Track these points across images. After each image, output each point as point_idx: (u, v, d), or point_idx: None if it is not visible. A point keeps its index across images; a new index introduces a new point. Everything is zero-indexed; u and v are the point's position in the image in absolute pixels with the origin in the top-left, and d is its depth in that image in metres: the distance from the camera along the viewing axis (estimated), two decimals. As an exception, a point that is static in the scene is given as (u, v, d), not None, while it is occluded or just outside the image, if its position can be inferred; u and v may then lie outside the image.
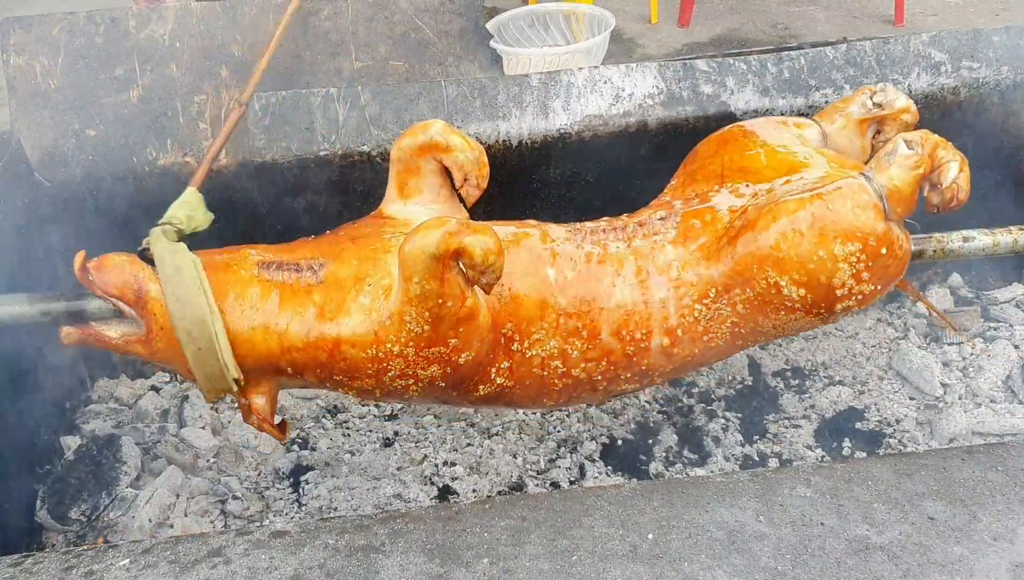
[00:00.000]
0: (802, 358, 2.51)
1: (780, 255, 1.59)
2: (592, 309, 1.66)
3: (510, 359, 1.68)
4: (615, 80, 2.31)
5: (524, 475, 2.21)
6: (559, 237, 1.72)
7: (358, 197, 2.28)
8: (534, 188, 2.36)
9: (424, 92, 2.24)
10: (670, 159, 1.98)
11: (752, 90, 2.31)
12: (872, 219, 1.58)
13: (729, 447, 2.25)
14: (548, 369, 1.70)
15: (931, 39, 2.37)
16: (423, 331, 1.51)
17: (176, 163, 2.25)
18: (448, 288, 1.49)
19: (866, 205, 1.59)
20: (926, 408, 2.33)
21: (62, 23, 2.23)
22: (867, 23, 5.21)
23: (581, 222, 1.80)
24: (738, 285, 1.65)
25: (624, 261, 1.69)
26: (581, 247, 1.71)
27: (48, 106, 2.22)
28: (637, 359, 1.71)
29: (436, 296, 1.49)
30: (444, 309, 1.51)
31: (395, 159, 1.74)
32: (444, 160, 1.71)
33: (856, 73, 2.33)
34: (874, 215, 1.58)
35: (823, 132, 1.88)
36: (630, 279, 1.67)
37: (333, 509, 2.15)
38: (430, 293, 1.48)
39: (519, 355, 1.67)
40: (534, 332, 1.66)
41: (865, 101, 1.88)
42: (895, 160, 1.63)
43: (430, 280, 1.47)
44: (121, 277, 1.62)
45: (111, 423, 2.37)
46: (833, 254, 1.58)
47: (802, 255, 1.58)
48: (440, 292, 1.49)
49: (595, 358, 1.69)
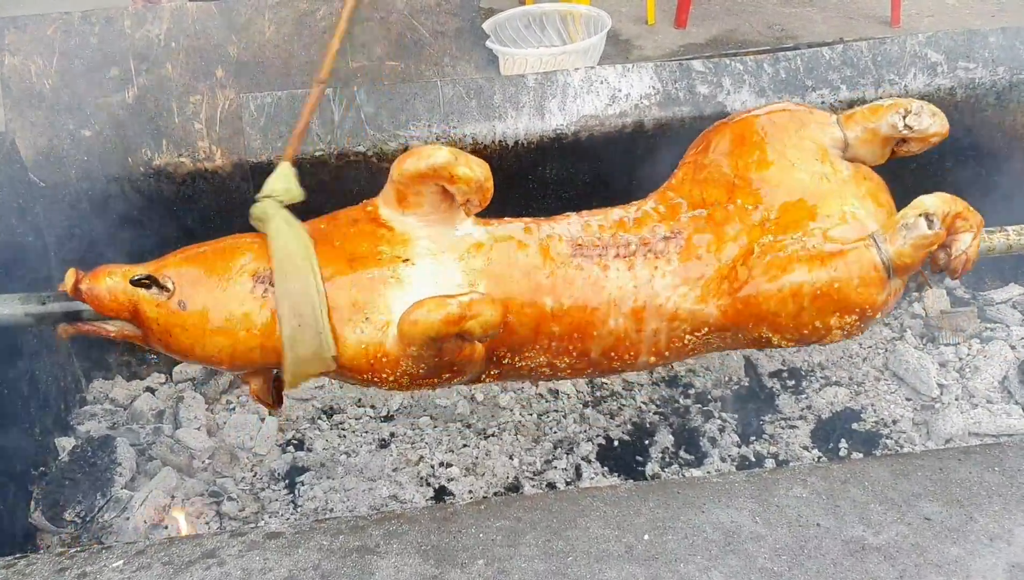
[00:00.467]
0: (798, 359, 2.50)
1: (778, 319, 1.62)
2: (585, 335, 1.67)
3: (499, 368, 1.72)
4: (611, 80, 2.30)
5: (520, 476, 2.20)
6: (562, 253, 1.68)
7: (353, 198, 2.26)
8: (530, 188, 2.35)
9: (420, 92, 2.24)
10: (666, 159, 1.97)
11: (748, 91, 2.31)
12: (875, 294, 1.59)
13: (725, 448, 2.25)
14: (535, 373, 1.74)
15: (927, 39, 2.37)
16: (418, 372, 1.57)
17: (171, 163, 2.24)
18: (446, 348, 1.54)
19: (871, 282, 1.58)
20: (923, 409, 2.33)
21: (57, 23, 2.22)
22: (863, 24, 5.21)
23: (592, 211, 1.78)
24: (730, 330, 1.68)
25: (623, 290, 1.67)
26: (581, 268, 1.67)
27: (43, 106, 2.21)
28: (622, 368, 1.75)
29: (433, 356, 1.55)
30: (442, 359, 1.56)
31: (395, 179, 1.67)
32: (447, 187, 1.65)
33: (853, 73, 2.33)
34: (877, 290, 1.59)
35: (845, 138, 1.78)
36: (626, 311, 1.66)
37: (329, 510, 2.15)
38: (427, 355, 1.54)
39: (508, 365, 1.71)
40: (526, 352, 1.69)
41: (896, 122, 1.74)
42: (911, 238, 1.57)
43: (428, 350, 1.52)
44: (114, 297, 1.61)
45: (106, 424, 2.36)
46: (829, 324, 1.61)
47: (800, 323, 1.61)
48: (438, 353, 1.55)
49: (581, 368, 1.73)
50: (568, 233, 1.73)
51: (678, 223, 1.75)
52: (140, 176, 2.24)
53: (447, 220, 1.71)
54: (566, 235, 1.73)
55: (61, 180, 2.23)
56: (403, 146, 2.23)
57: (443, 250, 1.68)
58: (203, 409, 2.39)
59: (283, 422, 2.38)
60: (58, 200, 2.23)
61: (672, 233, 1.73)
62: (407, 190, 1.67)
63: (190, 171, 2.24)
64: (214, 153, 2.22)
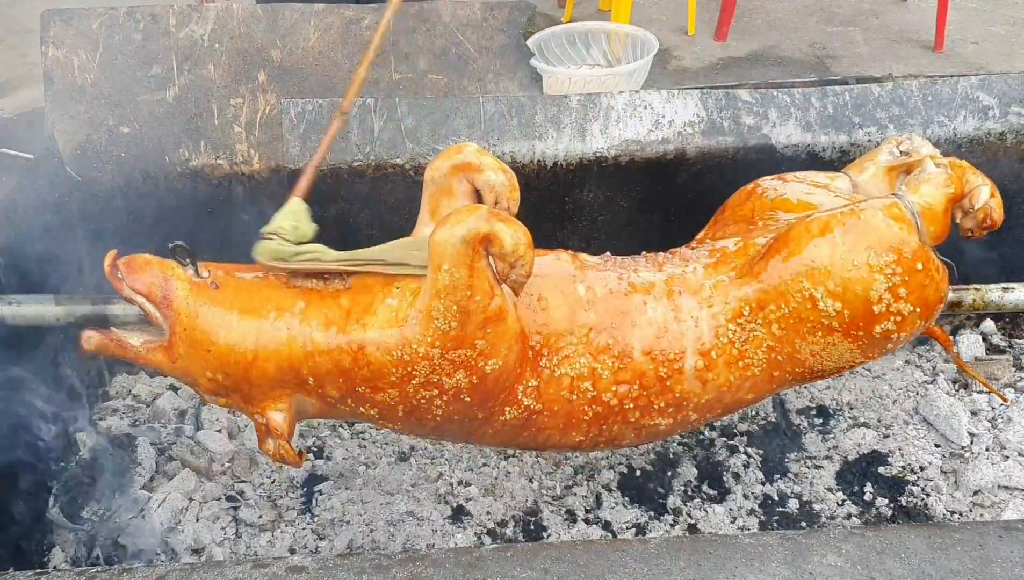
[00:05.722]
0: (827, 396, 2.47)
1: (814, 264, 1.60)
2: (623, 325, 1.64)
3: (538, 377, 1.64)
4: (655, 106, 2.27)
5: (539, 500, 2.18)
6: (590, 262, 1.72)
7: (388, 209, 2.25)
8: (566, 210, 2.33)
9: (461, 107, 2.22)
10: (707, 189, 1.95)
11: (795, 124, 2.27)
12: (906, 232, 1.60)
13: (749, 485, 2.22)
14: (578, 392, 1.66)
15: (980, 82, 2.33)
16: (450, 328, 1.50)
17: (208, 165, 2.23)
18: (477, 280, 1.48)
19: (899, 217, 1.61)
20: (951, 457, 2.29)
21: (102, 18, 2.21)
22: (906, 48, 5.14)
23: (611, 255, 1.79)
24: (772, 301, 1.64)
25: (655, 281, 1.68)
26: (611, 270, 1.70)
27: (83, 101, 2.21)
28: (671, 384, 1.67)
29: (465, 287, 1.48)
30: (472, 303, 1.49)
31: (428, 180, 1.71)
32: (476, 180, 1.67)
33: (901, 113, 2.29)
34: (907, 229, 1.61)
35: (853, 182, 1.89)
36: (661, 297, 1.66)
37: (345, 522, 2.14)
38: (459, 283, 1.48)
39: (547, 372, 1.64)
40: (563, 347, 1.63)
41: (892, 150, 1.89)
42: (924, 177, 1.68)
43: (460, 267, 1.47)
44: (150, 275, 1.61)
45: (127, 421, 2.36)
46: (868, 263, 1.59)
47: (836, 263, 1.60)
48: (469, 283, 1.48)
49: (626, 380, 1.66)
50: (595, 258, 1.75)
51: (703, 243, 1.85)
52: (176, 176, 2.23)
53: None
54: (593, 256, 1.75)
55: (97, 175, 2.22)
56: (441, 160, 2.22)
57: None
58: (225, 412, 2.38)
59: (304, 428, 2.37)
60: (93, 195, 2.23)
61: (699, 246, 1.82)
62: (440, 194, 1.69)
63: (227, 174, 2.23)
64: (252, 157, 2.21)
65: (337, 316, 1.59)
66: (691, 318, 1.65)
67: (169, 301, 1.60)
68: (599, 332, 1.64)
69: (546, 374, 1.64)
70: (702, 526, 2.12)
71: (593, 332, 1.64)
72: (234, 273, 1.67)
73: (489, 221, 1.46)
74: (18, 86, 4.49)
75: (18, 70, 4.68)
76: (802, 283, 1.61)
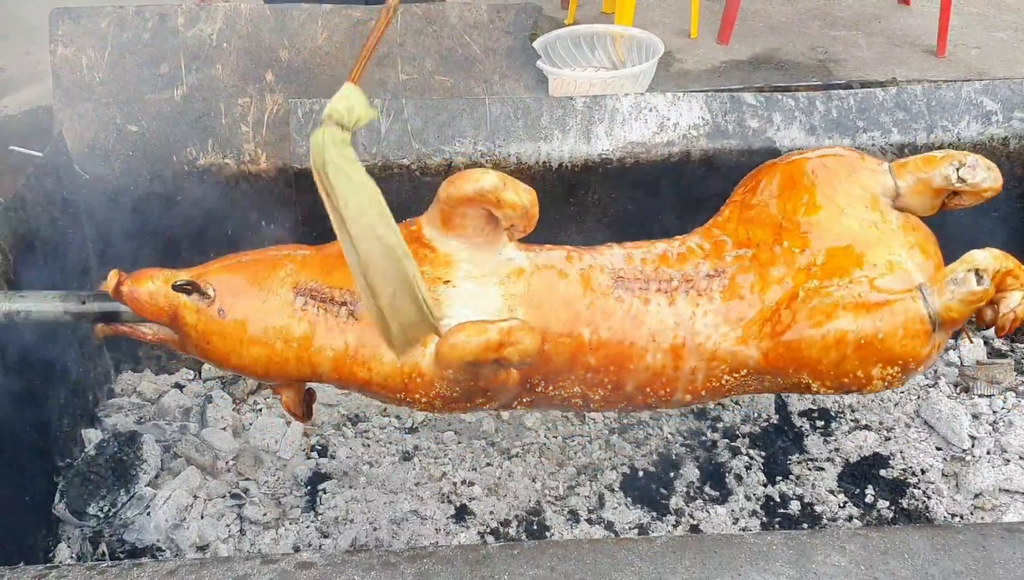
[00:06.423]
0: (829, 399, 2.48)
1: (820, 367, 1.60)
2: (622, 369, 1.66)
3: (531, 396, 1.71)
4: (660, 108, 2.28)
5: (542, 500, 2.19)
6: (603, 284, 1.67)
7: (395, 209, 2.25)
8: (572, 211, 2.34)
9: (468, 109, 2.23)
10: (711, 191, 1.96)
11: (799, 128, 2.28)
12: (919, 347, 1.57)
13: (751, 486, 2.23)
14: (567, 403, 1.73)
15: (983, 87, 2.34)
16: (452, 395, 1.58)
17: (216, 164, 2.24)
18: (482, 375, 1.56)
19: (917, 334, 1.56)
20: (953, 460, 2.30)
21: (111, 16, 2.23)
22: (908, 52, 5.16)
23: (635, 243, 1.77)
24: (771, 373, 1.66)
25: (663, 326, 1.65)
26: (621, 301, 1.66)
27: (91, 99, 2.22)
28: (655, 405, 1.74)
29: (469, 380, 1.56)
30: (476, 383, 1.57)
31: (442, 200, 1.66)
32: (493, 211, 1.64)
33: (905, 117, 2.30)
34: (922, 343, 1.57)
35: (896, 186, 1.75)
36: (665, 347, 1.65)
37: (349, 521, 2.15)
38: (464, 379, 1.56)
39: (541, 394, 1.71)
40: (560, 381, 1.68)
41: (950, 174, 1.71)
42: (960, 294, 1.55)
43: (465, 373, 1.54)
44: (155, 301, 1.65)
45: (133, 418, 2.37)
46: (870, 374, 1.59)
47: (841, 371, 1.60)
48: (474, 377, 1.56)
49: (614, 401, 1.72)
50: (610, 264, 1.72)
51: (722, 261, 1.73)
52: (183, 175, 2.24)
53: (490, 244, 1.71)
54: (608, 266, 1.71)
55: (105, 174, 2.24)
56: (447, 161, 2.22)
57: (484, 274, 1.67)
58: (230, 409, 2.39)
59: (308, 427, 2.38)
60: (100, 193, 2.24)
61: (716, 271, 1.72)
62: (453, 212, 1.67)
63: (234, 173, 2.24)
64: (259, 157, 2.22)
65: (343, 355, 1.62)
66: (689, 369, 1.67)
67: (178, 325, 1.66)
68: (597, 372, 1.67)
69: (539, 394, 1.71)
70: (704, 527, 2.14)
71: (591, 373, 1.67)
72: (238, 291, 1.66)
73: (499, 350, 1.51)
74: (22, 84, 4.50)
75: (22, 68, 4.69)
76: (802, 375, 1.63)
